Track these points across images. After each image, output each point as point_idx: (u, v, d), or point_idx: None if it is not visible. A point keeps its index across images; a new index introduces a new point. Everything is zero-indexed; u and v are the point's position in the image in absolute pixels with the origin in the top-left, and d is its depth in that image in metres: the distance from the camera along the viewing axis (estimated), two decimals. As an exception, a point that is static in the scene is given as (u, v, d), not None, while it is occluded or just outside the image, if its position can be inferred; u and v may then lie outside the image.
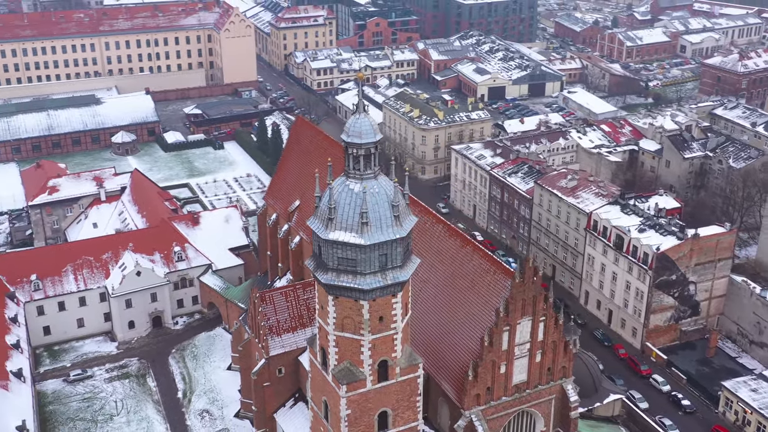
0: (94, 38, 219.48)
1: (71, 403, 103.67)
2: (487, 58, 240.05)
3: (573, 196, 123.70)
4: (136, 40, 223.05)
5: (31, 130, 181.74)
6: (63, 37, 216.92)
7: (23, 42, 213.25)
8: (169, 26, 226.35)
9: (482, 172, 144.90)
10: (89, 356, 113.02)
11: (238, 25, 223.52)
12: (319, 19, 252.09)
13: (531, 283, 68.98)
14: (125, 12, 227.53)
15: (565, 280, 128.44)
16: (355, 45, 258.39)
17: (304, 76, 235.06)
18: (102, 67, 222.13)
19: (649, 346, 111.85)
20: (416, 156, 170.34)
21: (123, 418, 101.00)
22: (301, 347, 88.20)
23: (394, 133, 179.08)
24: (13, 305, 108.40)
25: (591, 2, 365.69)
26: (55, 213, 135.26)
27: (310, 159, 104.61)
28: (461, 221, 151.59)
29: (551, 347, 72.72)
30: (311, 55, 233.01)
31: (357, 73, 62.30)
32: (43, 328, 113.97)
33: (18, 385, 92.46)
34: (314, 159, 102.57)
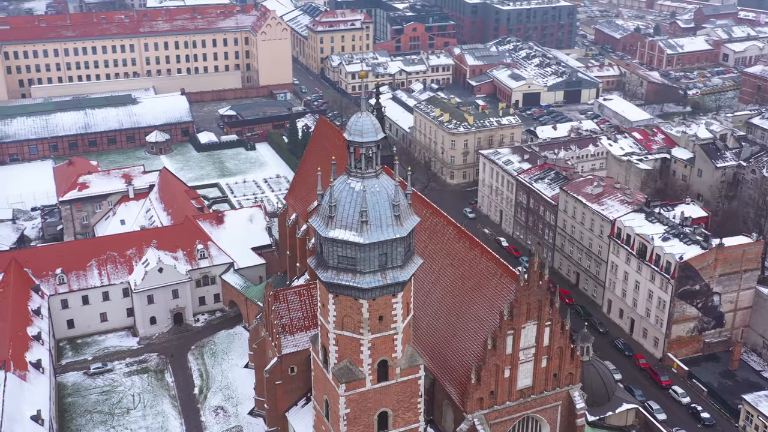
0: (134, 39, 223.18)
1: (90, 396, 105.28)
2: (523, 64, 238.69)
3: (598, 203, 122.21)
4: (174, 42, 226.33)
5: (68, 128, 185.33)
6: (104, 37, 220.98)
7: (65, 42, 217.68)
8: (207, 28, 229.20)
9: (509, 178, 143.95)
10: (110, 350, 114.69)
11: (275, 28, 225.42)
12: (356, 23, 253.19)
13: (536, 287, 68.26)
14: (165, 14, 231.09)
15: (588, 288, 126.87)
16: (392, 49, 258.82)
17: (339, 79, 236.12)
18: (141, 68, 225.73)
19: (670, 356, 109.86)
20: (445, 160, 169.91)
21: (139, 412, 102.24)
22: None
23: (424, 137, 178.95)
24: (38, 298, 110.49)
25: (634, 9, 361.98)
26: (84, 209, 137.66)
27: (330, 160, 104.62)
28: (487, 226, 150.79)
29: (557, 353, 71.85)
30: (346, 58, 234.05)
31: (359, 72, 62.16)
32: (67, 322, 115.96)
33: (36, 375, 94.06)
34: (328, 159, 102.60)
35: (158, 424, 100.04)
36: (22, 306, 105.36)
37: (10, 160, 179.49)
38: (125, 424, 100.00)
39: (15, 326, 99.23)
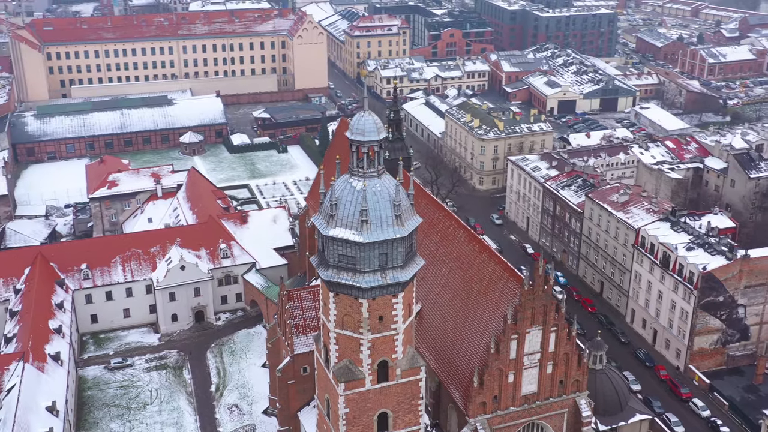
0: (173, 42, 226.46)
1: (109, 390, 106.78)
2: (560, 71, 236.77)
3: (623, 210, 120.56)
4: (212, 45, 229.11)
5: (104, 128, 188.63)
6: (143, 39, 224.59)
7: (106, 44, 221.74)
8: (244, 32, 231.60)
9: (536, 184, 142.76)
10: (132, 346, 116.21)
11: (311, 32, 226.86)
12: (393, 29, 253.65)
13: (542, 291, 67.51)
14: (203, 17, 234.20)
15: (612, 297, 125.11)
16: (429, 55, 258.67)
17: (374, 84, 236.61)
18: (179, 70, 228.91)
19: (692, 369, 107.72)
20: (475, 166, 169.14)
21: (156, 407, 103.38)
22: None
23: (454, 142, 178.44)
24: (62, 292, 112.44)
25: (678, 18, 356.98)
26: (113, 206, 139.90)
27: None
28: (514, 233, 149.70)
29: (563, 359, 70.95)
30: (382, 63, 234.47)
31: (361, 70, 62.17)
32: (91, 316, 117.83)
33: (55, 367, 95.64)
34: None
35: (173, 419, 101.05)
36: (46, 299, 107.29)
37: (48, 158, 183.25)
38: (141, 418, 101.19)
39: (37, 319, 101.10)
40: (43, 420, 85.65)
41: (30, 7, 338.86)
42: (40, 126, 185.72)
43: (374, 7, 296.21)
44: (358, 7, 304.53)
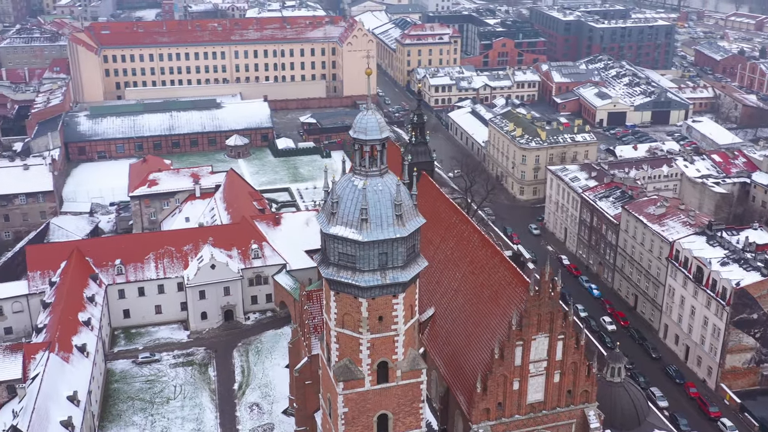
0: (225, 47, 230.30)
1: (135, 383, 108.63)
2: (612, 83, 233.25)
3: (659, 223, 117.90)
4: (263, 50, 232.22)
5: (153, 129, 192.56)
6: (197, 44, 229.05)
7: (160, 48, 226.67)
8: (295, 38, 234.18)
9: (574, 195, 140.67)
10: (161, 341, 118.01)
11: (361, 39, 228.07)
12: (445, 38, 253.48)
13: (548, 298, 66.35)
14: (255, 23, 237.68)
15: (645, 311, 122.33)
16: (480, 64, 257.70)
17: (423, 92, 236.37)
18: (230, 75, 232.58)
19: (723, 387, 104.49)
20: (516, 176, 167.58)
21: (178, 402, 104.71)
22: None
23: (497, 151, 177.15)
24: (95, 286, 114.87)
25: (741, 32, 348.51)
26: (152, 205, 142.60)
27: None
28: (551, 244, 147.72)
29: (571, 368, 69.54)
30: (431, 72, 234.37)
31: (366, 70, 62.10)
32: (123, 311, 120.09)
33: (80, 358, 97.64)
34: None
35: (194, 415, 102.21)
36: (78, 292, 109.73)
37: (98, 157, 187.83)
38: (163, 412, 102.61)
39: (67, 311, 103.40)
40: (63, 408, 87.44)
41: (95, 12, 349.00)
42: (92, 126, 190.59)
43: (428, 17, 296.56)
44: (413, 16, 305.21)
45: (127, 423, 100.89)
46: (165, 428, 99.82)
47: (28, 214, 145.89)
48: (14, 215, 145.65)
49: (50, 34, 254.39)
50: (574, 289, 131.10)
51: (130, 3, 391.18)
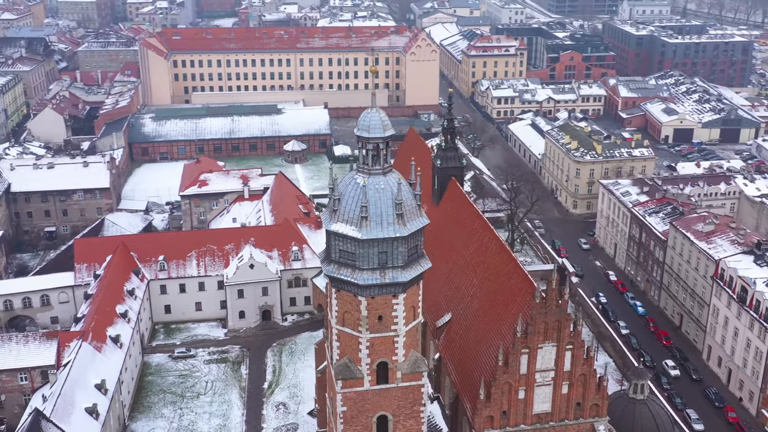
0: (290, 54, 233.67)
1: (169, 377, 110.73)
2: (681, 99, 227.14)
3: (706, 241, 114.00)
4: (328, 59, 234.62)
5: (215, 132, 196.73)
6: (263, 51, 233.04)
7: (227, 54, 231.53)
8: (360, 47, 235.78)
9: (624, 210, 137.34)
10: (198, 338, 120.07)
11: (424, 49, 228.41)
12: (511, 50, 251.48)
13: (555, 306, 64.79)
14: (321, 32, 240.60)
15: (690, 332, 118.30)
16: (546, 77, 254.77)
17: (486, 104, 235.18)
18: (295, 82, 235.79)
19: (764, 413, 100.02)
20: (570, 189, 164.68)
21: (208, 398, 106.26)
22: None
23: (552, 164, 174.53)
24: (137, 280, 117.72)
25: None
26: (202, 204, 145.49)
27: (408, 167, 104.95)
28: (600, 259, 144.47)
29: (580, 380, 67.65)
30: (494, 83, 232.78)
31: (370, 68, 62.00)
32: (165, 307, 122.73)
33: (113, 349, 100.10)
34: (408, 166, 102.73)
35: (222, 411, 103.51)
36: (118, 285, 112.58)
37: (160, 158, 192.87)
38: (192, 407, 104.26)
39: (104, 302, 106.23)
40: (90, 396, 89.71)
41: (174, 20, 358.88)
42: (156, 128, 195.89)
43: (496, 29, 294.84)
44: (483, 29, 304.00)
45: (156, 415, 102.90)
46: (192, 422, 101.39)
47: (86, 210, 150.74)
48: (72, 210, 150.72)
49: (126, 39, 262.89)
50: (618, 305, 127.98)
51: (209, 12, 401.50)
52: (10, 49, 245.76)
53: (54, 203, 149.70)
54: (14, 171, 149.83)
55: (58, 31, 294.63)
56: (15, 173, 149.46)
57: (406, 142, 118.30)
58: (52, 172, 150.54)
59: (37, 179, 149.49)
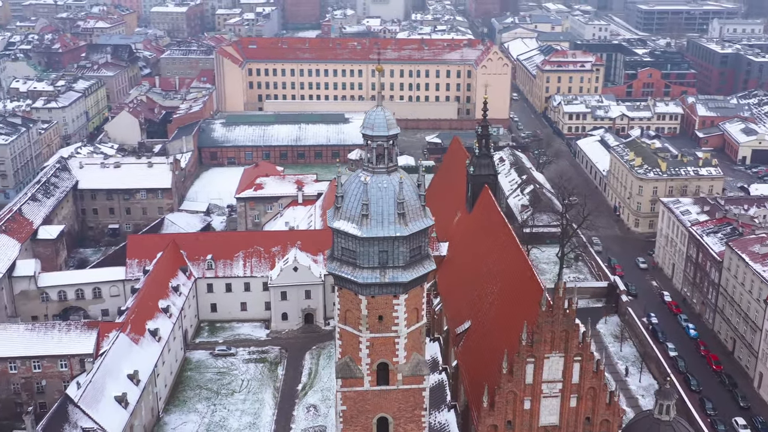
0: (363, 65, 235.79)
1: (207, 374, 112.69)
2: (763, 120, 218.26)
3: (761, 263, 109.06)
4: (399, 70, 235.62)
5: (281, 139, 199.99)
6: (335, 61, 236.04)
7: (301, 63, 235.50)
8: (432, 59, 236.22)
9: (683, 229, 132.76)
10: (240, 337, 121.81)
11: (496, 63, 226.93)
12: (586, 65, 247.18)
13: (562, 315, 63.08)
14: (394, 43, 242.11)
15: (742, 357, 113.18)
16: (622, 94, 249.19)
17: (557, 119, 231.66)
18: (366, 92, 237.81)
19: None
20: (632, 207, 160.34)
21: (242, 395, 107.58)
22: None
23: (616, 180, 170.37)
24: (183, 277, 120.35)
25: None
26: (257, 208, 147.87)
27: (449, 175, 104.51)
28: (657, 279, 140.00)
29: (589, 394, 65.55)
30: (567, 99, 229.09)
31: (376, 66, 61.85)
32: (211, 305, 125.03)
33: (150, 342, 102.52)
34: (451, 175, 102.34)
35: (254, 409, 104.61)
36: (164, 281, 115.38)
37: (228, 162, 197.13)
38: (225, 404, 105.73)
39: (147, 296, 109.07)
40: (120, 385, 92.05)
41: (260, 32, 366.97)
42: (225, 133, 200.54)
43: (575, 44, 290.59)
44: (563, 44, 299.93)
45: (190, 409, 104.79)
46: (223, 418, 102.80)
47: (147, 209, 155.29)
48: (135, 209, 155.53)
49: (206, 48, 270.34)
50: (670, 327, 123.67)
51: (294, 24, 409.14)
52: (97, 55, 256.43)
53: (118, 201, 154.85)
54: (83, 169, 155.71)
55: (144, 39, 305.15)
56: (83, 171, 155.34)
57: (450, 150, 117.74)
58: (118, 172, 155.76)
59: (103, 178, 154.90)
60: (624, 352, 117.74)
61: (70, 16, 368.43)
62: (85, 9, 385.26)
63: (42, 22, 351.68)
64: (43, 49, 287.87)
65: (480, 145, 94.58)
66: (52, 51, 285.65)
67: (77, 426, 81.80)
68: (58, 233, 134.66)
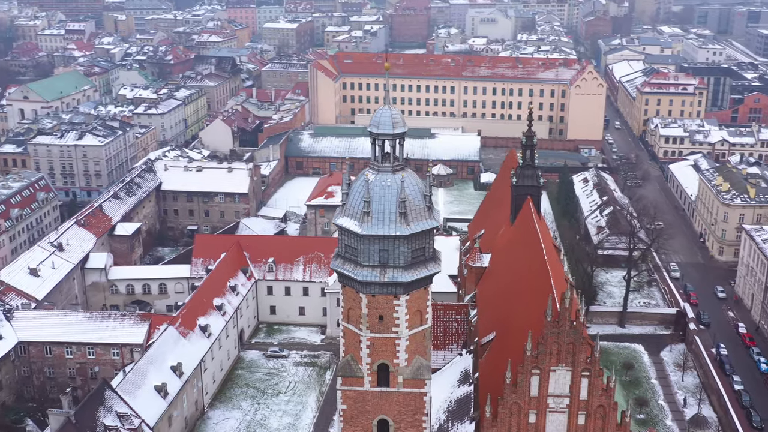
0: (455, 82, 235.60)
1: (256, 373, 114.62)
2: None
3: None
4: (492, 88, 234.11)
5: (366, 151, 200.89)
6: (428, 77, 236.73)
7: (394, 78, 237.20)
8: (525, 78, 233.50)
9: (763, 258, 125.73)
10: (295, 340, 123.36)
11: (590, 83, 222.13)
12: (689, 88, 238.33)
13: (569, 326, 60.81)
14: (488, 61, 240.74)
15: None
16: (727, 119, 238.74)
17: (654, 142, 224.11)
18: (457, 109, 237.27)
19: None
20: (716, 234, 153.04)
21: (287, 397, 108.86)
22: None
23: (703, 206, 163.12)
24: (243, 278, 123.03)
25: None
26: (326, 216, 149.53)
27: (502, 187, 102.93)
28: (735, 310, 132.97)
29: (598, 412, 62.76)
30: (664, 122, 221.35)
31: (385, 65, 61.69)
32: (270, 307, 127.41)
33: (199, 337, 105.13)
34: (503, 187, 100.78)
35: (296, 411, 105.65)
36: (222, 280, 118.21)
37: (312, 172, 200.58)
38: (269, 403, 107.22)
39: (203, 293, 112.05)
40: (162, 375, 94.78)
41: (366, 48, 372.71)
42: (312, 144, 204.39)
43: (681, 67, 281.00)
44: (670, 67, 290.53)
45: (234, 406, 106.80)
46: (264, 417, 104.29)
47: (225, 212, 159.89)
48: (213, 212, 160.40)
49: (305, 62, 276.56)
50: (740, 359, 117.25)
51: (401, 42, 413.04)
52: (202, 66, 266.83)
53: (198, 204, 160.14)
54: (167, 171, 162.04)
55: (249, 53, 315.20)
56: (168, 173, 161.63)
57: (505, 163, 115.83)
58: (199, 175, 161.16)
59: (185, 180, 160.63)
60: (685, 382, 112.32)
61: (186, 30, 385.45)
62: (201, 24, 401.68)
63: (160, 35, 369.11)
64: (156, 60, 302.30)
65: (524, 155, 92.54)
66: (164, 62, 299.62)
67: (112, 410, 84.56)
68: (134, 230, 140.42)
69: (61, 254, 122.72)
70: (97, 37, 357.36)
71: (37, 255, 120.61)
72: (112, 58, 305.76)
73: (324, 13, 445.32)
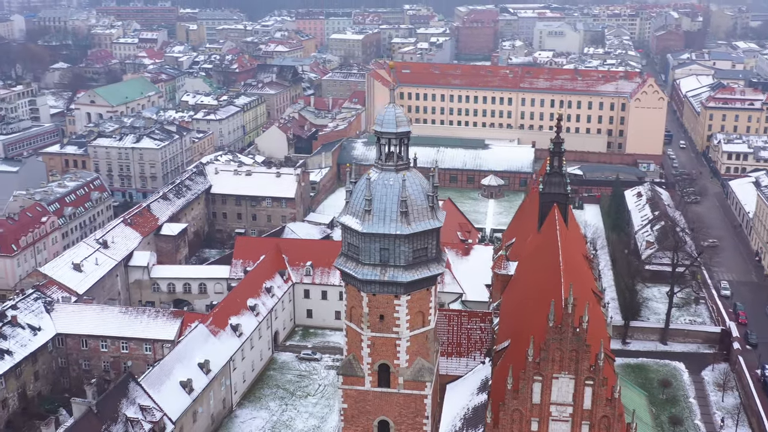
0: (513, 93, 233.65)
1: (288, 375, 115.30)
2: None
3: None
4: (550, 100, 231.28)
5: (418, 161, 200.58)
6: (485, 89, 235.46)
7: (451, 89, 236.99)
8: (585, 91, 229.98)
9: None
10: (329, 344, 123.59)
11: (651, 96, 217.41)
12: (756, 104, 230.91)
13: (572, 333, 59.40)
14: (547, 72, 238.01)
15: None
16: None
17: (717, 158, 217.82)
18: (514, 120, 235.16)
19: None
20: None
21: (315, 399, 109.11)
22: (451, 374, 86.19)
23: (761, 224, 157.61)
24: (280, 280, 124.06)
25: None
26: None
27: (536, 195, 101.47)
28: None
29: (603, 423, 61.03)
30: (727, 137, 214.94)
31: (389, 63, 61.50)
32: (307, 311, 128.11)
33: (230, 336, 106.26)
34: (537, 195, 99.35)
35: (322, 414, 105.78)
36: (258, 281, 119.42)
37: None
38: (297, 405, 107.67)
39: (237, 293, 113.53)
40: (189, 371, 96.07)
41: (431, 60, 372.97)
42: (365, 152, 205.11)
43: (750, 82, 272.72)
44: (739, 82, 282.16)
45: (262, 406, 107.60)
46: (291, 418, 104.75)
47: (272, 216, 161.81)
48: (260, 215, 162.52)
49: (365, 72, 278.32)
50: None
51: (466, 54, 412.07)
52: (263, 75, 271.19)
53: (245, 207, 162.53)
54: (217, 175, 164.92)
55: (312, 62, 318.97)
56: (218, 177, 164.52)
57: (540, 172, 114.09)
58: (248, 179, 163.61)
59: (234, 184, 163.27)
60: (725, 403, 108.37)
61: (254, 40, 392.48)
62: (270, 34, 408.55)
63: (229, 44, 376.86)
64: (222, 68, 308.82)
65: (552, 162, 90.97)
66: (230, 70, 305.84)
67: (135, 402, 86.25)
68: (180, 231, 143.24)
69: (106, 251, 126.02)
70: (168, 46, 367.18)
71: (82, 251, 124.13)
72: (180, 66, 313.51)
73: (391, 25, 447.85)
